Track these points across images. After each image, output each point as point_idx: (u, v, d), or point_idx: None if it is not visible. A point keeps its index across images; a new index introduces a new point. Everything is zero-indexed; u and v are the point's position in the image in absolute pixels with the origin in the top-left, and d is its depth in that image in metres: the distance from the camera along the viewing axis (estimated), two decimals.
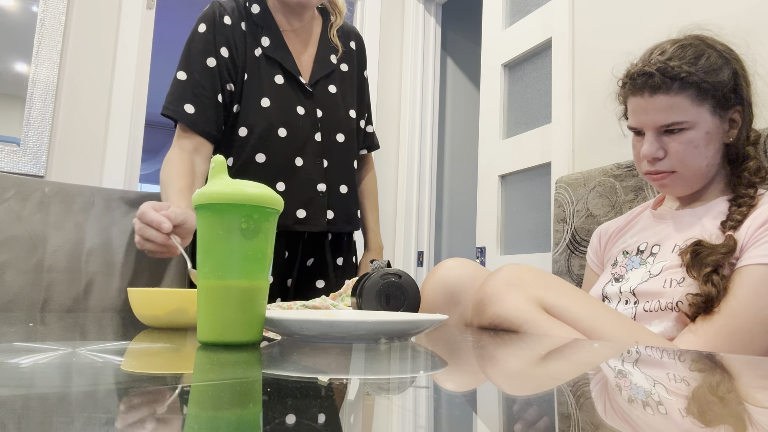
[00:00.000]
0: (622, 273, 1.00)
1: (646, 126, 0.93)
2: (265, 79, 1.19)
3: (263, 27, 1.20)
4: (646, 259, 0.97)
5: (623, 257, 1.02)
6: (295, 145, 1.19)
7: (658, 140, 0.93)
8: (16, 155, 1.92)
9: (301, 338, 0.55)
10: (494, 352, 0.53)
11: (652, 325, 0.88)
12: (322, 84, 1.25)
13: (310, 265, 1.26)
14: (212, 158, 0.52)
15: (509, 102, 2.17)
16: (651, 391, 0.33)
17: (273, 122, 1.17)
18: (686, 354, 0.56)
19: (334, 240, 1.28)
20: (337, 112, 1.26)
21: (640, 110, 0.93)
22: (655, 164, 0.94)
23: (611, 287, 0.99)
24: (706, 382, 0.39)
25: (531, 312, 0.75)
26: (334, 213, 1.24)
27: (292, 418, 0.24)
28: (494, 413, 0.28)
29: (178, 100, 1.14)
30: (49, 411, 0.24)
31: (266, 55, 1.19)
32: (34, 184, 1.22)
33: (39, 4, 1.99)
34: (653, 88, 0.90)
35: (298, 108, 1.20)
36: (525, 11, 2.09)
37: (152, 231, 0.90)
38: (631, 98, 0.95)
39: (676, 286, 0.87)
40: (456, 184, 3.04)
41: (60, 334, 0.57)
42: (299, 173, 1.19)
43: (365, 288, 0.80)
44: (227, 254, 0.48)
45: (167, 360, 0.42)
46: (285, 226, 1.18)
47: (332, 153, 1.24)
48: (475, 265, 0.94)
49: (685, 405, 0.30)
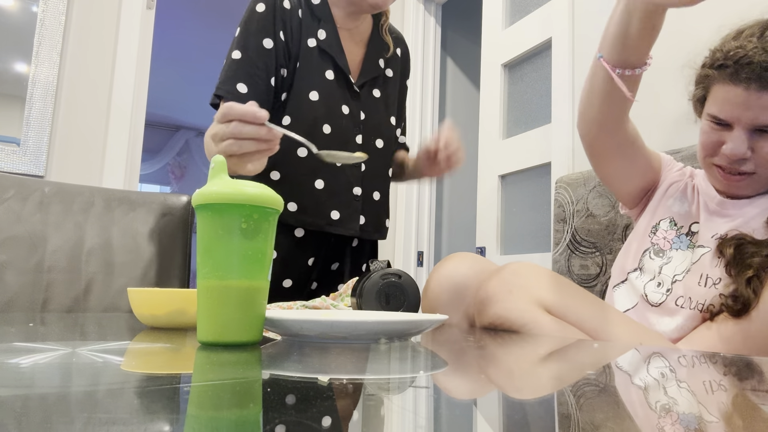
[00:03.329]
0: (665, 248, 0.94)
1: (741, 121, 0.82)
2: (316, 72, 1.16)
3: (321, 19, 1.18)
4: (696, 245, 0.91)
5: (669, 227, 0.95)
6: (338, 144, 1.15)
7: (749, 138, 0.83)
8: (16, 155, 1.92)
9: (301, 338, 0.55)
10: (495, 352, 0.53)
11: (673, 318, 0.86)
12: (368, 87, 1.23)
13: (334, 270, 1.24)
14: (212, 158, 0.52)
15: (509, 102, 2.17)
16: (652, 391, 0.33)
17: (318, 117, 1.14)
18: (695, 355, 0.56)
19: (359, 246, 1.27)
20: (380, 117, 1.24)
21: (739, 103, 0.81)
22: (738, 164, 0.85)
23: (650, 261, 0.93)
24: (710, 384, 0.38)
25: (532, 313, 0.75)
26: (365, 219, 1.21)
27: (292, 418, 0.24)
28: (494, 413, 0.28)
29: (232, 80, 1.09)
30: (49, 411, 0.24)
31: (320, 48, 1.17)
32: (34, 184, 1.22)
33: (39, 4, 1.99)
34: (763, 82, 0.79)
35: (344, 107, 1.18)
36: (525, 11, 2.09)
37: (250, 126, 0.79)
38: (724, 85, 0.83)
39: (711, 287, 0.84)
40: (456, 184, 3.04)
41: (60, 334, 0.57)
42: (338, 174, 1.17)
43: (365, 288, 0.80)
44: (227, 254, 0.48)
45: (167, 360, 0.42)
46: (318, 226, 1.15)
47: (371, 157, 1.21)
48: (481, 260, 0.92)
49: (687, 405, 0.30)
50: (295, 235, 1.16)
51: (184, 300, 0.64)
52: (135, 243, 1.26)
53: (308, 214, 1.14)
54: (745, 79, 0.80)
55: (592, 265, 1.39)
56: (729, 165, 0.85)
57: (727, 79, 0.82)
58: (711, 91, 0.86)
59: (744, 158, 0.84)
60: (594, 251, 1.39)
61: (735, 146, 0.83)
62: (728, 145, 0.83)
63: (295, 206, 1.14)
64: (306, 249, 1.18)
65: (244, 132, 0.79)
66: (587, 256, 1.41)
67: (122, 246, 1.25)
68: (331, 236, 1.20)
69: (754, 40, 0.81)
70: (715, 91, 0.85)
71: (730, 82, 0.82)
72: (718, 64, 0.83)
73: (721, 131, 0.85)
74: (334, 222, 1.16)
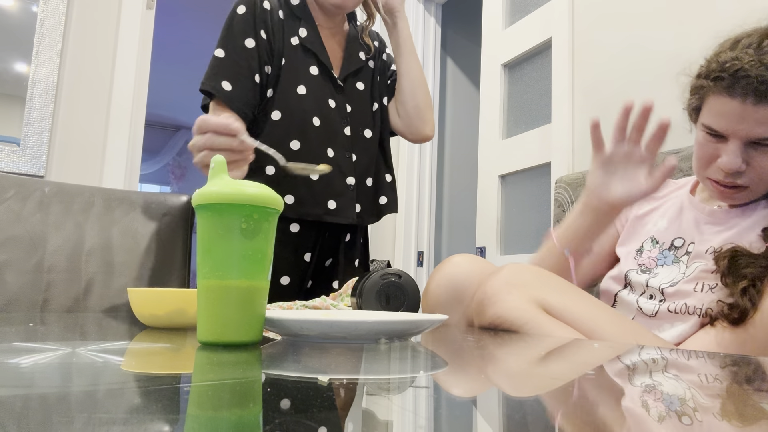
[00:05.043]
0: (650, 266, 0.94)
1: (736, 134, 0.81)
2: (301, 68, 1.21)
3: (301, 18, 1.23)
4: (681, 258, 0.91)
5: (652, 246, 0.96)
6: (328, 135, 1.20)
7: (744, 152, 0.82)
8: (16, 155, 1.92)
9: (301, 338, 0.55)
10: (495, 352, 0.53)
11: (673, 326, 0.86)
12: (351, 80, 1.28)
13: (328, 266, 1.27)
14: (212, 158, 0.52)
15: (509, 102, 2.17)
16: (653, 391, 0.33)
17: (307, 110, 1.18)
18: (692, 354, 0.56)
19: (351, 241, 1.29)
20: (365, 108, 1.29)
21: (734, 116, 0.80)
22: (733, 177, 0.83)
23: (637, 276, 0.94)
24: (707, 382, 0.38)
25: (531, 313, 0.75)
26: (361, 206, 1.25)
27: (292, 418, 0.24)
28: (494, 413, 0.28)
29: (216, 77, 1.13)
30: (49, 411, 0.24)
31: (303, 45, 1.21)
32: (34, 184, 1.22)
33: (39, 4, 1.99)
34: (759, 96, 0.77)
35: (330, 101, 1.22)
36: (525, 11, 2.09)
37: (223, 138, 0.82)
38: (719, 97, 0.82)
39: (708, 291, 0.83)
40: (456, 184, 3.04)
41: (60, 334, 0.57)
42: (331, 164, 1.20)
43: (365, 288, 0.80)
44: (227, 254, 0.48)
45: (167, 360, 0.42)
46: (316, 216, 1.18)
47: (360, 147, 1.26)
48: (481, 261, 0.92)
49: (685, 405, 0.30)
50: (291, 231, 1.19)
51: (184, 300, 0.64)
52: (135, 243, 1.26)
53: (306, 205, 1.17)
54: (741, 92, 0.78)
55: None
56: (723, 179, 0.84)
57: (722, 91, 0.81)
58: (706, 101, 0.85)
59: (739, 171, 0.82)
60: None
61: (730, 160, 0.82)
62: (723, 159, 0.82)
63: (292, 198, 1.17)
64: (302, 244, 1.20)
65: (217, 143, 0.82)
66: None
67: (122, 246, 1.25)
68: (325, 230, 1.23)
69: (750, 51, 0.79)
70: (710, 102, 0.84)
71: (725, 94, 0.80)
72: (714, 76, 0.82)
73: (716, 143, 0.84)
74: (331, 211, 1.20)
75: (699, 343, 0.81)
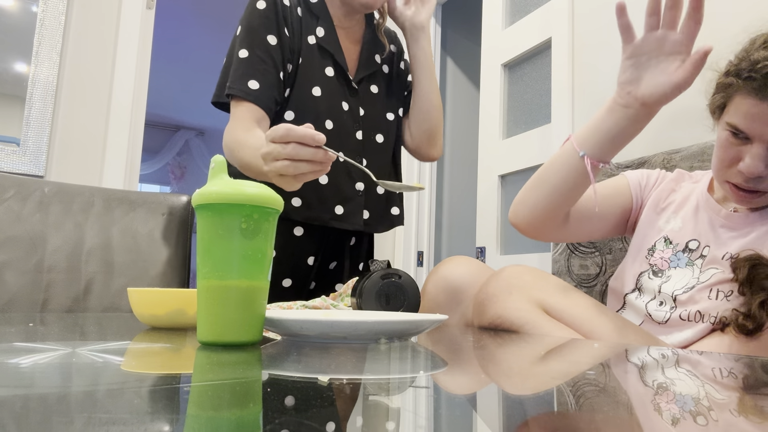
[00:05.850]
0: (663, 268, 0.91)
1: (762, 138, 0.78)
2: (317, 69, 1.18)
3: (319, 17, 1.20)
4: (695, 261, 0.88)
5: (665, 246, 0.93)
6: (340, 139, 1.18)
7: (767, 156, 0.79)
8: (16, 155, 1.92)
9: (301, 338, 0.55)
10: (494, 352, 0.53)
11: (682, 332, 0.84)
12: (366, 83, 1.25)
13: (332, 269, 1.25)
14: (212, 158, 0.52)
15: (509, 102, 2.17)
16: (653, 391, 0.33)
17: (321, 112, 1.16)
18: (691, 353, 0.56)
19: (356, 245, 1.28)
20: (378, 113, 1.26)
21: (762, 119, 0.77)
22: (754, 182, 0.81)
23: (649, 282, 0.91)
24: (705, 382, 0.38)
25: (532, 313, 0.75)
26: (369, 213, 1.23)
27: (292, 418, 0.24)
28: (494, 413, 0.28)
29: (242, 78, 1.09)
30: (49, 411, 0.24)
31: (320, 45, 1.19)
32: (34, 184, 1.22)
33: (39, 4, 1.99)
34: None
35: (343, 103, 1.20)
36: (525, 11, 2.09)
37: (308, 149, 0.80)
38: (748, 98, 0.78)
39: (723, 299, 0.82)
40: (456, 184, 3.04)
41: (60, 334, 0.57)
42: (341, 170, 1.18)
43: (365, 288, 0.80)
44: (227, 254, 0.48)
45: (167, 360, 0.42)
46: (322, 221, 1.16)
47: (371, 153, 1.23)
48: (478, 263, 0.93)
49: (685, 401, 0.30)
50: (294, 234, 1.17)
51: (184, 300, 0.64)
52: (135, 243, 1.26)
53: (312, 209, 1.15)
54: None
55: (592, 265, 1.39)
56: (744, 183, 0.82)
57: (752, 91, 0.78)
58: (733, 100, 0.82)
59: (761, 176, 0.80)
60: (593, 251, 1.39)
61: (753, 164, 0.79)
62: (746, 162, 0.80)
63: (299, 201, 1.14)
64: (306, 248, 1.18)
65: (302, 154, 0.80)
66: (587, 257, 1.41)
67: (122, 246, 1.25)
68: (330, 234, 1.21)
69: None
70: (737, 101, 0.81)
71: (755, 95, 0.77)
72: (745, 75, 0.78)
73: (739, 145, 0.82)
74: (338, 216, 1.17)
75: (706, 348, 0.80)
